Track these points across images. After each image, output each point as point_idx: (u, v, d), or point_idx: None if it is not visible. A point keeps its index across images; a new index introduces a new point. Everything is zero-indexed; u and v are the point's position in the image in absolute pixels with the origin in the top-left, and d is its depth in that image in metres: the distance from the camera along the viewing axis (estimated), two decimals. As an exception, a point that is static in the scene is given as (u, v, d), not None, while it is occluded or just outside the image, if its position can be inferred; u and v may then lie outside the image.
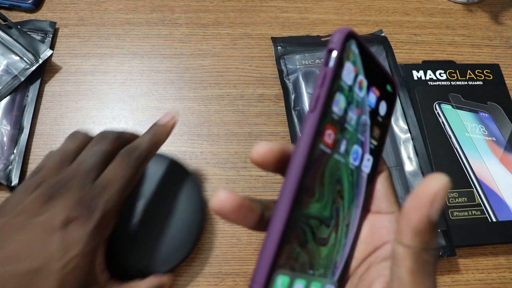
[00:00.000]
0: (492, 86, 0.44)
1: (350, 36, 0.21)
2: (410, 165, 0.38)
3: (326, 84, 0.20)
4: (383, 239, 0.21)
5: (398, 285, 0.19)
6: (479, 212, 0.38)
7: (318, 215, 0.21)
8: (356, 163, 0.22)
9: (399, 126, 0.40)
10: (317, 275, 0.21)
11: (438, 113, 0.42)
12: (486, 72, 0.45)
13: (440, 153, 0.40)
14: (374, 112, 0.23)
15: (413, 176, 0.38)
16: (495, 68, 0.45)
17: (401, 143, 0.39)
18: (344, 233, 0.22)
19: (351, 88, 0.21)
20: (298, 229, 0.19)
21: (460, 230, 0.37)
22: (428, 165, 0.38)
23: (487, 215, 0.38)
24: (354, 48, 0.21)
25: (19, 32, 0.42)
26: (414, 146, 0.39)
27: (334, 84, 0.20)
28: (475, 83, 0.44)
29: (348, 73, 0.21)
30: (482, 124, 0.42)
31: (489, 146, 0.41)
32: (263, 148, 0.19)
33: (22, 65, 0.40)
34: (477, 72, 0.45)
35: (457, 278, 0.36)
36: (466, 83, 0.44)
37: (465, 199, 0.38)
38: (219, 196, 0.18)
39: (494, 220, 0.38)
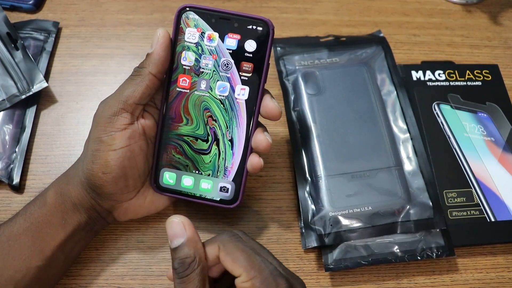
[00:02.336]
0: (491, 86, 0.44)
1: (184, 9, 0.30)
2: (409, 165, 0.39)
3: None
4: None
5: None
6: (477, 212, 0.38)
7: (192, 134, 0.32)
8: (226, 94, 0.31)
9: (398, 126, 0.40)
10: (205, 175, 0.32)
11: (437, 113, 0.42)
12: (485, 72, 0.45)
13: (439, 153, 0.40)
14: (237, 52, 0.30)
15: (412, 175, 0.38)
16: (494, 69, 0.45)
17: (400, 143, 0.40)
18: (229, 146, 0.32)
19: (198, 44, 0.30)
20: (173, 143, 0.32)
21: (459, 230, 0.37)
22: (427, 165, 0.38)
23: (486, 215, 0.38)
24: (192, 15, 0.30)
25: (23, 55, 0.41)
26: (413, 146, 0.39)
27: (177, 47, 0.30)
28: (474, 83, 0.44)
29: (191, 34, 0.30)
30: (481, 124, 0.42)
31: (487, 146, 0.41)
32: None
33: (14, 91, 0.39)
34: (476, 72, 0.45)
35: (455, 278, 0.36)
36: (465, 83, 0.44)
37: (464, 199, 0.39)
38: None
39: (492, 220, 0.38)
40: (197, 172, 0.32)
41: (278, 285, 0.24)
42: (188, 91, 0.31)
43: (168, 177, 0.32)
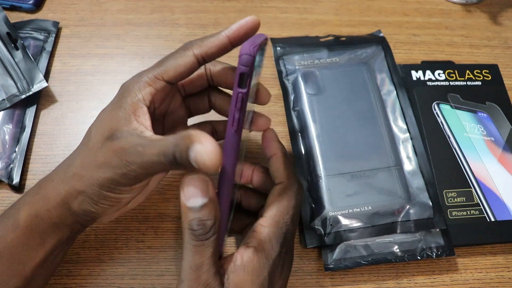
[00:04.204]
0: (491, 86, 0.44)
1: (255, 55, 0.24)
2: (409, 165, 0.39)
3: (243, 106, 0.24)
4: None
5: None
6: (477, 211, 0.38)
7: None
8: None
9: (398, 126, 0.40)
10: None
11: (437, 113, 0.42)
12: (484, 72, 0.45)
13: (439, 152, 0.40)
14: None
15: (412, 175, 0.38)
16: (493, 69, 0.45)
17: (400, 143, 0.40)
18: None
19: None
20: None
21: (458, 229, 0.37)
22: (427, 165, 0.38)
23: (486, 215, 0.38)
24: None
25: (23, 55, 0.41)
26: (413, 146, 0.39)
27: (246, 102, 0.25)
28: (474, 83, 0.44)
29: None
30: (480, 124, 0.42)
31: (487, 146, 0.41)
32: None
33: (14, 90, 0.39)
34: (476, 72, 0.45)
35: (455, 278, 0.37)
36: (465, 83, 0.44)
37: (464, 198, 0.39)
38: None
39: (492, 219, 0.38)
40: None
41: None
42: None
43: None
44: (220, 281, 0.25)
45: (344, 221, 0.36)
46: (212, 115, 0.35)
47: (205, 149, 0.21)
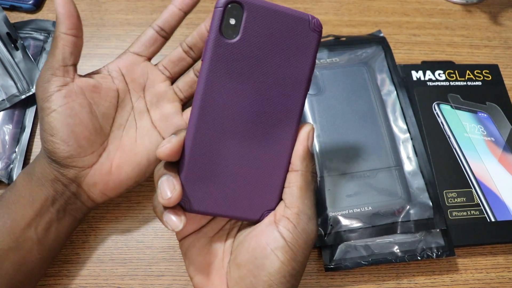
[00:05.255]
0: (491, 86, 0.44)
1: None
2: (409, 165, 0.39)
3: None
4: None
5: (290, 199, 0.26)
6: (478, 212, 0.38)
7: None
8: None
9: (398, 126, 0.40)
10: None
11: (437, 113, 0.42)
12: (485, 72, 0.45)
13: (439, 153, 0.40)
14: None
15: (412, 175, 0.38)
16: (494, 69, 0.45)
17: (401, 143, 0.40)
18: None
19: None
20: None
21: (459, 230, 0.37)
22: (427, 165, 0.38)
23: (486, 215, 0.38)
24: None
25: (23, 55, 0.41)
26: (413, 146, 0.39)
27: None
28: (474, 83, 0.44)
29: None
30: (481, 124, 0.42)
31: (488, 146, 0.41)
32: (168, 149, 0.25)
33: (14, 91, 0.39)
34: (476, 72, 0.45)
35: (456, 278, 0.36)
36: (465, 83, 0.44)
37: (464, 199, 0.39)
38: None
39: (493, 220, 0.38)
40: None
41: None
42: None
43: None
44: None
45: (344, 221, 0.36)
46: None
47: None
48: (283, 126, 0.27)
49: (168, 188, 0.24)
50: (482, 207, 0.38)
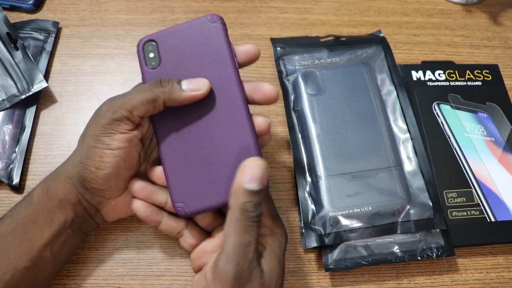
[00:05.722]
0: (491, 86, 0.44)
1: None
2: (409, 165, 0.39)
3: None
4: None
5: (228, 229, 0.26)
6: (478, 212, 0.38)
7: None
8: None
9: (398, 126, 0.40)
10: None
11: (437, 113, 0.42)
12: (485, 72, 0.45)
13: (439, 153, 0.40)
14: None
15: (412, 176, 0.38)
16: (494, 69, 0.45)
17: (401, 143, 0.40)
18: None
19: None
20: None
21: (459, 230, 0.37)
22: (427, 165, 0.38)
23: (486, 215, 0.38)
24: None
25: (23, 55, 0.41)
26: (413, 146, 0.39)
27: None
28: (474, 83, 0.44)
29: None
30: (481, 124, 0.42)
31: (488, 146, 0.41)
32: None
33: (14, 91, 0.39)
34: (476, 72, 0.45)
35: (456, 278, 0.36)
36: (465, 83, 0.44)
37: (464, 199, 0.39)
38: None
39: (493, 220, 0.38)
40: None
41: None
42: None
43: None
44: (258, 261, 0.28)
45: (344, 222, 0.36)
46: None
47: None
48: (230, 103, 0.30)
49: None
50: (482, 207, 0.38)
